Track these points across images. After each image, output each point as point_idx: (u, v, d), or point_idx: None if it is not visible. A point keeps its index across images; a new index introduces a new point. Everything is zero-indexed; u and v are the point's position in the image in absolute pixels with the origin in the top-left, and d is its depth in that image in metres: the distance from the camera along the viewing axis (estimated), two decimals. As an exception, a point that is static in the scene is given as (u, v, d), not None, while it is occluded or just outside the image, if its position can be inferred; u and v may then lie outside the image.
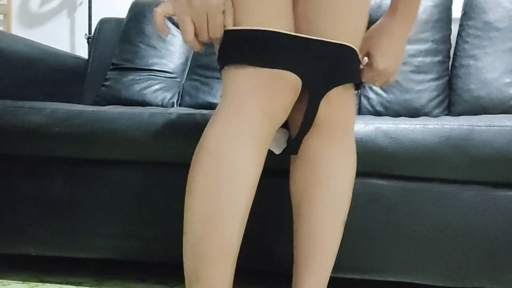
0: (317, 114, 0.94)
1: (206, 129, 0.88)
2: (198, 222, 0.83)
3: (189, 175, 0.86)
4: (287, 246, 1.24)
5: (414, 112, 1.59)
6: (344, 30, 0.93)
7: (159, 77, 1.82)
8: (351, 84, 0.98)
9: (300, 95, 0.91)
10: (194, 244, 0.83)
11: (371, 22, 1.73)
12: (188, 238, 0.85)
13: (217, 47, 0.92)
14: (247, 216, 0.86)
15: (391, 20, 1.01)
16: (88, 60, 2.04)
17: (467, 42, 1.63)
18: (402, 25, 1.01)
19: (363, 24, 0.98)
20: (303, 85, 0.90)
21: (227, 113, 0.86)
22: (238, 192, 0.84)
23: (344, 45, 0.93)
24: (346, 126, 0.99)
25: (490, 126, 1.16)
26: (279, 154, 1.00)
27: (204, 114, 1.26)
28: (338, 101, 0.96)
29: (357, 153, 1.20)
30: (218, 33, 0.88)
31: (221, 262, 0.83)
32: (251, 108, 0.85)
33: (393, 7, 1.01)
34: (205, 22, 0.86)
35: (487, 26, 1.62)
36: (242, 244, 0.88)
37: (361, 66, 1.01)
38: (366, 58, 1.02)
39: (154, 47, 1.85)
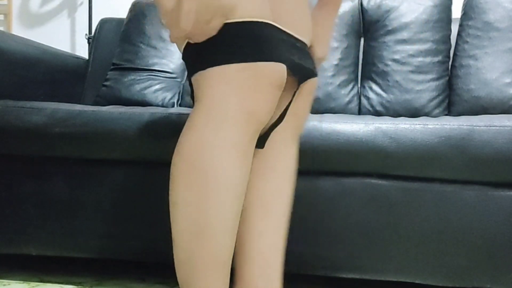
0: (291, 108, 0.96)
1: (183, 136, 0.82)
2: (187, 236, 0.80)
3: (171, 187, 0.83)
4: (291, 245, 1.24)
5: (414, 112, 1.60)
6: (305, 30, 0.96)
7: (160, 77, 1.82)
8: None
9: None
10: (185, 258, 0.81)
11: (371, 22, 1.74)
12: (178, 252, 0.82)
13: (181, 47, 0.86)
14: (237, 224, 0.83)
15: (322, 12, 1.07)
16: (88, 60, 2.04)
17: (467, 42, 1.63)
18: (331, 16, 1.08)
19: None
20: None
21: (208, 119, 0.80)
22: (226, 203, 0.80)
23: (305, 42, 0.97)
24: (306, 120, 1.03)
25: (490, 126, 1.16)
26: None
27: (204, 114, 1.26)
28: (307, 95, 0.99)
29: (357, 153, 1.20)
30: (211, 34, 0.81)
31: (214, 274, 0.81)
32: (234, 112, 0.79)
33: (323, 1, 1.09)
34: (208, 19, 0.78)
35: (487, 26, 1.62)
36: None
37: None
38: None
39: (155, 47, 1.85)
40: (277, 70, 0.83)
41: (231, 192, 0.80)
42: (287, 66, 0.85)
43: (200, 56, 0.83)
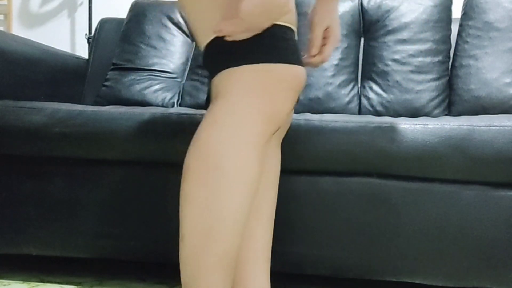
0: None
1: (202, 131, 0.81)
2: (197, 233, 0.80)
3: (183, 182, 0.82)
4: (291, 245, 1.24)
5: (414, 112, 1.60)
6: None
7: (160, 77, 1.82)
8: None
9: None
10: (193, 254, 0.81)
11: (371, 22, 1.73)
12: (186, 247, 0.82)
13: (203, 41, 0.85)
14: (245, 225, 0.84)
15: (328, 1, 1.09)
16: (88, 60, 2.04)
17: (467, 42, 1.63)
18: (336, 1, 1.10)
19: None
20: None
21: (229, 116, 0.80)
22: (238, 203, 0.80)
23: None
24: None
25: (490, 126, 1.16)
26: None
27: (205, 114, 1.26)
28: None
29: (357, 153, 1.20)
30: (255, 33, 0.81)
31: (221, 271, 0.81)
32: (256, 112, 0.80)
33: None
34: (268, 18, 0.80)
35: (487, 26, 1.62)
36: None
37: (323, 44, 1.07)
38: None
39: (155, 47, 1.85)
40: (300, 74, 0.84)
41: (245, 192, 0.80)
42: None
43: (230, 53, 0.82)
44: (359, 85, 1.70)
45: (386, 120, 1.22)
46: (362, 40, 1.75)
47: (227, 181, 0.79)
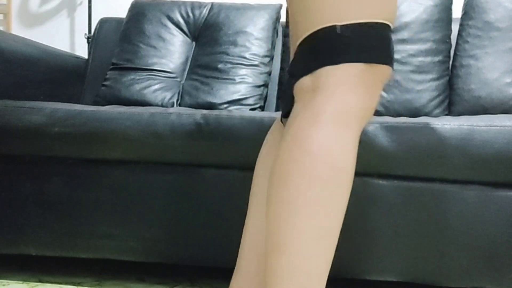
0: None
1: (308, 128, 0.77)
2: (310, 238, 0.77)
3: (285, 184, 0.77)
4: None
5: (414, 112, 1.59)
6: None
7: (159, 77, 1.82)
8: None
9: None
10: (305, 261, 0.80)
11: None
12: (293, 255, 0.79)
13: (299, 37, 0.80)
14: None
15: None
16: (88, 60, 2.04)
17: (467, 42, 1.63)
18: None
19: None
20: None
21: (336, 114, 0.76)
22: (345, 204, 0.80)
23: None
24: None
25: (491, 126, 1.16)
26: None
27: (204, 114, 1.26)
28: None
29: (357, 153, 1.20)
30: None
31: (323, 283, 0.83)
32: (358, 110, 0.78)
33: None
34: None
35: (488, 26, 1.61)
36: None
37: None
38: None
39: (154, 47, 1.85)
40: (390, 76, 0.82)
41: (349, 190, 0.80)
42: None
43: (330, 50, 0.79)
44: (359, 85, 1.70)
45: (386, 120, 1.22)
46: (362, 39, 1.75)
47: (340, 179, 0.78)
